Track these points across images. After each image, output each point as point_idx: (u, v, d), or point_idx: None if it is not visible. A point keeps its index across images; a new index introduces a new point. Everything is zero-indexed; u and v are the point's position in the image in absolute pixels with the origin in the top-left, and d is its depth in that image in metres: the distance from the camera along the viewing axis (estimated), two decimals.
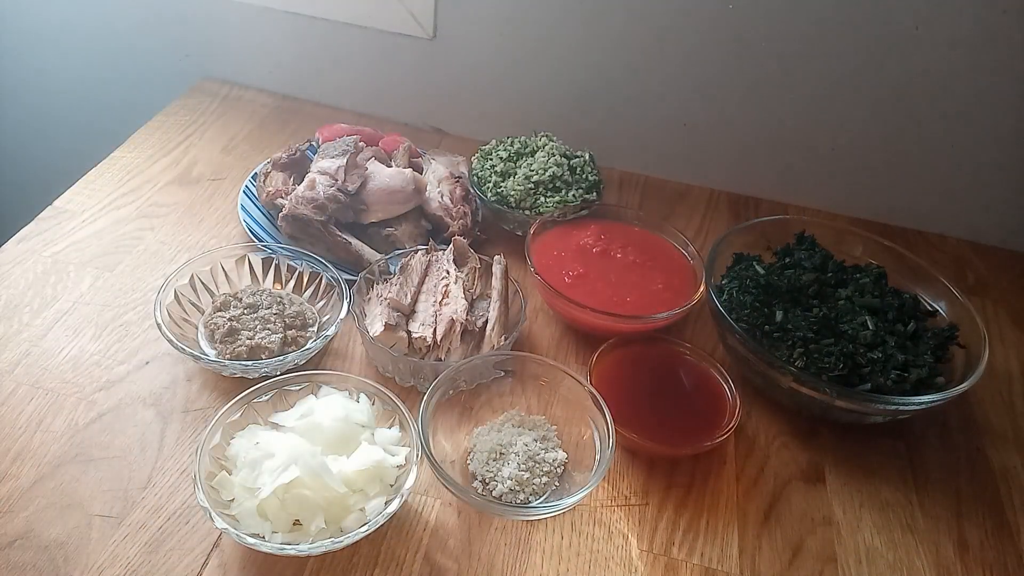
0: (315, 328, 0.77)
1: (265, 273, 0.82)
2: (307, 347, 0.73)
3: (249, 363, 0.71)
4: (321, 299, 0.80)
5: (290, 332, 0.75)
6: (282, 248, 0.82)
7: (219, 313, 0.76)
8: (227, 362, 0.70)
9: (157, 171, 0.99)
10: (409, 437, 0.64)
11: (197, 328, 0.76)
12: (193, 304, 0.77)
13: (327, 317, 0.78)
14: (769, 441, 0.75)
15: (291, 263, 0.81)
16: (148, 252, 0.87)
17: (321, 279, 0.80)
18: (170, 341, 0.70)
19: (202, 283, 0.78)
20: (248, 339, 0.73)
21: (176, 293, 0.76)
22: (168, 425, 0.69)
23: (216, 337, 0.74)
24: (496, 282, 0.79)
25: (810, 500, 0.70)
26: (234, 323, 0.75)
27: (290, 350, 0.73)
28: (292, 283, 0.81)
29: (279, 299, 0.78)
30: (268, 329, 0.74)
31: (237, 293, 0.78)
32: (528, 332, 0.83)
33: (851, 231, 0.89)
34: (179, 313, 0.75)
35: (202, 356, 0.70)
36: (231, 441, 0.63)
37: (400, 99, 1.14)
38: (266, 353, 0.72)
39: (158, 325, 0.71)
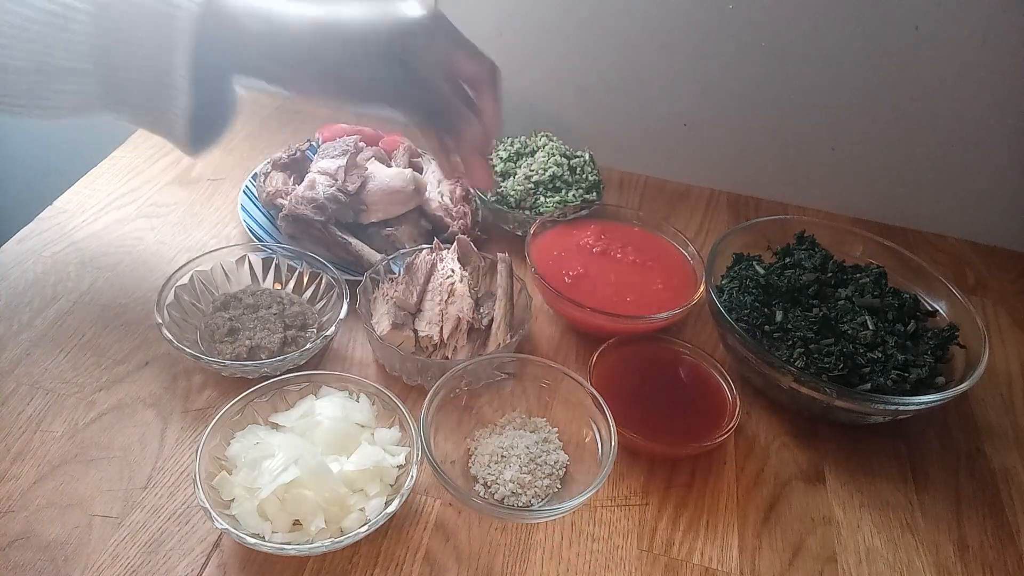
0: (315, 328, 0.77)
1: (265, 273, 0.82)
2: (307, 347, 0.73)
3: (249, 363, 0.71)
4: (321, 299, 0.80)
5: (290, 332, 0.75)
6: (282, 248, 0.82)
7: (219, 313, 0.76)
8: (227, 362, 0.70)
9: (157, 171, 0.99)
10: (409, 437, 0.64)
11: (197, 328, 0.76)
12: (193, 304, 0.77)
13: (327, 317, 0.78)
14: (769, 441, 0.75)
15: (291, 263, 0.81)
16: (148, 252, 0.87)
17: (321, 279, 0.80)
18: (170, 341, 0.70)
19: (202, 283, 0.78)
20: (248, 339, 0.73)
21: (176, 293, 0.76)
22: (168, 425, 0.69)
23: (216, 337, 0.74)
24: (501, 280, 0.79)
25: (810, 500, 0.70)
26: (234, 323, 0.75)
27: (290, 350, 0.73)
28: (292, 283, 0.81)
29: (279, 299, 0.78)
30: (268, 329, 0.74)
31: (237, 293, 0.78)
32: (529, 332, 0.83)
33: (851, 231, 0.89)
34: (179, 313, 0.75)
35: (202, 356, 0.70)
36: (231, 441, 0.63)
37: None
38: (266, 353, 0.72)
39: (158, 325, 0.71)
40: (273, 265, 0.82)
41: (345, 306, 0.75)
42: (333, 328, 0.74)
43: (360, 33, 0.65)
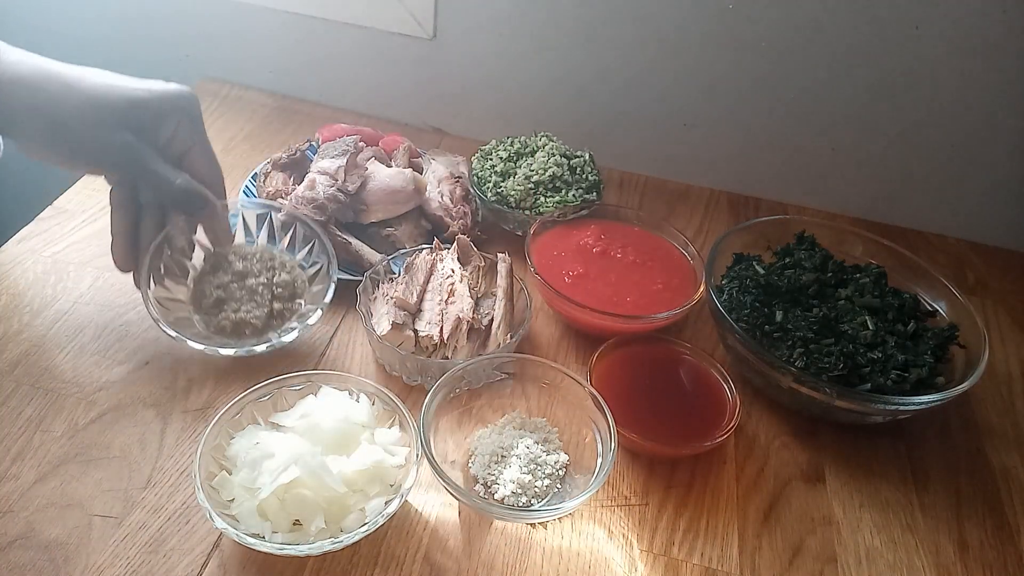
0: (302, 300, 0.76)
1: (258, 230, 0.80)
2: (287, 333, 0.72)
3: (230, 346, 0.71)
4: (313, 266, 0.78)
5: (276, 305, 0.74)
6: (272, 205, 0.80)
7: (207, 278, 0.74)
8: (203, 346, 0.70)
9: None
10: (409, 437, 0.64)
11: (188, 288, 0.75)
12: (184, 261, 0.75)
13: (317, 288, 0.76)
14: (769, 441, 0.75)
15: (285, 220, 0.79)
16: None
17: (313, 245, 0.78)
18: (156, 321, 0.69)
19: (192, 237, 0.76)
20: (233, 312, 0.72)
21: (166, 252, 0.73)
22: (168, 425, 0.69)
23: (203, 306, 0.73)
24: (501, 280, 0.79)
25: (810, 500, 0.70)
26: (221, 292, 0.73)
27: (276, 324, 0.73)
28: (286, 241, 0.79)
29: (270, 264, 0.76)
30: (255, 302, 0.73)
31: (228, 254, 0.75)
32: (528, 332, 0.83)
33: (851, 231, 0.89)
34: (166, 274, 0.74)
35: (185, 339, 0.70)
36: (231, 441, 0.63)
37: (400, 99, 1.14)
38: (250, 329, 0.72)
39: (144, 295, 0.70)
40: (266, 222, 0.79)
41: (331, 289, 0.74)
42: (315, 317, 0.73)
43: (92, 93, 0.65)
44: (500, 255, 0.81)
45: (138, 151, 0.66)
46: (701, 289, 0.81)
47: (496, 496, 0.65)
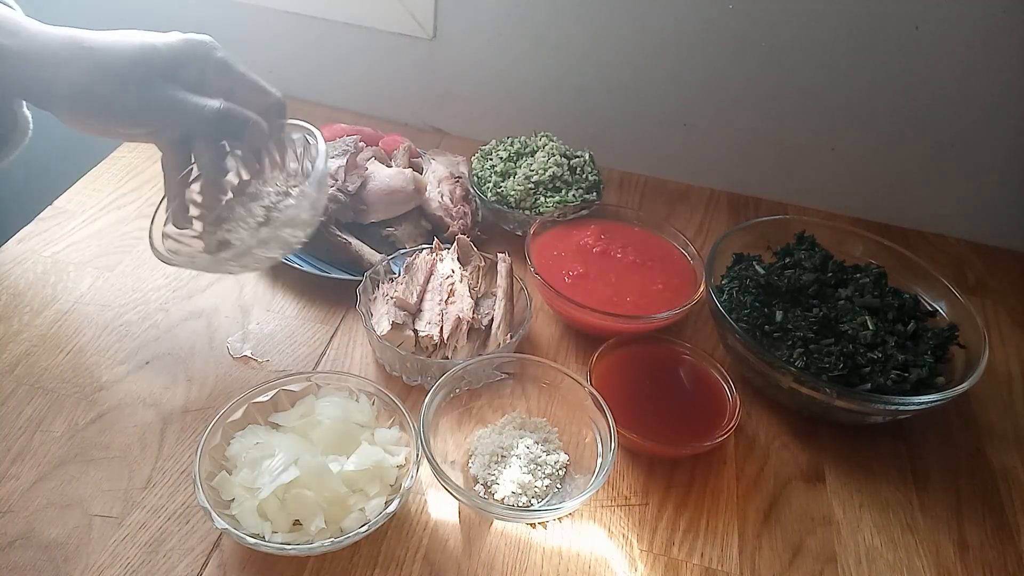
0: (301, 232, 0.69)
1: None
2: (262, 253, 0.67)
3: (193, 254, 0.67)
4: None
5: (264, 231, 0.68)
6: (306, 126, 0.75)
7: (231, 200, 0.71)
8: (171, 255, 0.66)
9: (157, 171, 0.96)
10: (409, 437, 0.64)
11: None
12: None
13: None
14: (769, 441, 0.75)
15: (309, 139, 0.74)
16: (148, 252, 0.86)
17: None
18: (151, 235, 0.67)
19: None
20: (227, 232, 0.69)
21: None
22: (168, 425, 0.69)
23: (207, 221, 0.70)
24: (501, 280, 0.79)
25: (810, 500, 0.70)
26: (227, 212, 0.70)
27: (259, 251, 0.67)
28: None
29: (286, 192, 0.71)
30: (246, 223, 0.69)
31: (255, 181, 0.72)
32: (528, 332, 0.83)
33: (851, 231, 0.89)
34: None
35: (159, 252, 0.67)
36: (231, 441, 0.63)
37: (400, 99, 1.14)
38: (230, 251, 0.66)
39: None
40: (301, 150, 0.74)
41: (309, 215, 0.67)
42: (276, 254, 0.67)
43: (107, 51, 0.66)
44: (500, 255, 0.82)
45: (162, 88, 0.66)
46: (701, 289, 0.81)
47: (496, 496, 0.65)
